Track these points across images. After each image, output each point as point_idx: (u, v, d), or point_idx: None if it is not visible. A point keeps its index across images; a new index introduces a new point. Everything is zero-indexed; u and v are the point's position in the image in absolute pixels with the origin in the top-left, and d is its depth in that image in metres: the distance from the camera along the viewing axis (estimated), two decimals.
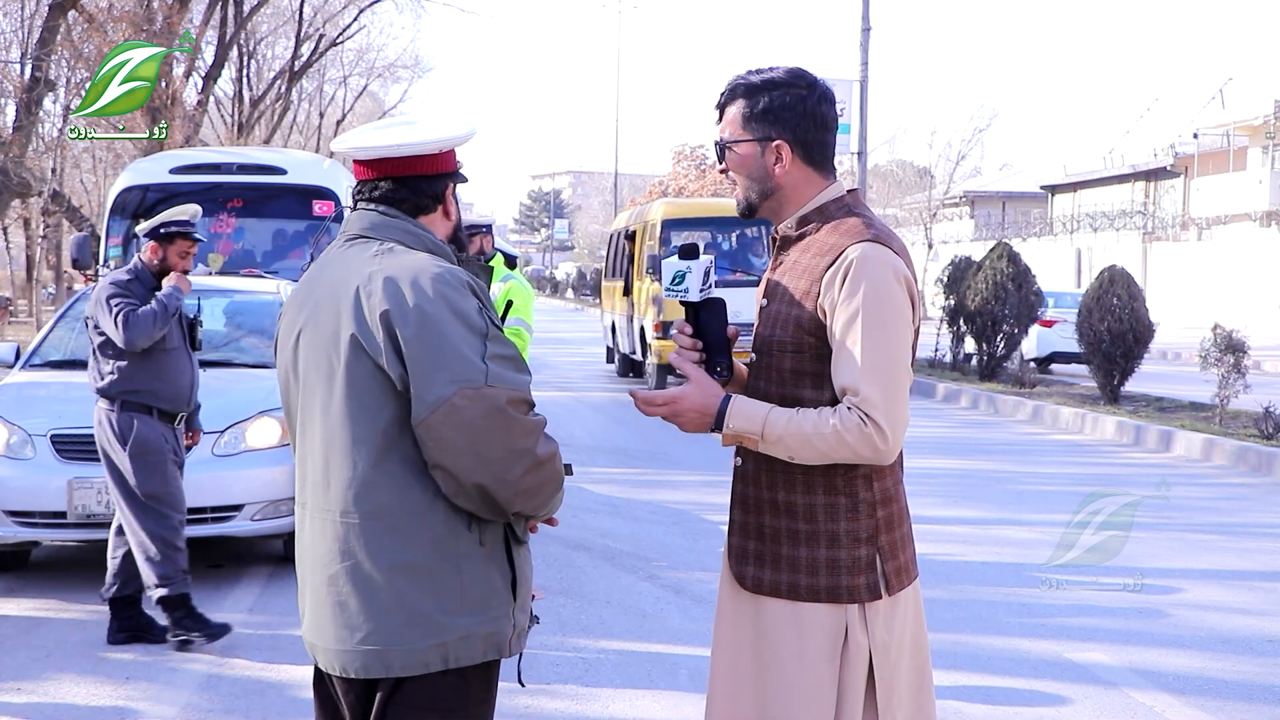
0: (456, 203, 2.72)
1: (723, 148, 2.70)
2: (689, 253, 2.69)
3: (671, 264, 2.70)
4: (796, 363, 2.61)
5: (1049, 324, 19.98)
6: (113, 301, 5.77)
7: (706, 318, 2.72)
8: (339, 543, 2.51)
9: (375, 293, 2.46)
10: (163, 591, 5.72)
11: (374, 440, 2.47)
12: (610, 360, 21.81)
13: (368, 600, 2.49)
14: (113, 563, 5.91)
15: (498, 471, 2.42)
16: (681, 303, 2.73)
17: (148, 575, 5.74)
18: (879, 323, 2.51)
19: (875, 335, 2.50)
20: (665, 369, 16.18)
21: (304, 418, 2.59)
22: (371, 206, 2.63)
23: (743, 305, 4.60)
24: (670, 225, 17.75)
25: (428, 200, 2.64)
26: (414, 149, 2.60)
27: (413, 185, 2.62)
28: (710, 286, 2.71)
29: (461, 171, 2.70)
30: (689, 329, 2.74)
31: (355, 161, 2.67)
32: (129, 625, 5.93)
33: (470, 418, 2.39)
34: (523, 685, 2.80)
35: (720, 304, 2.73)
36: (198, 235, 6.02)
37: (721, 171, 2.74)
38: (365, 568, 2.49)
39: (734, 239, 18.21)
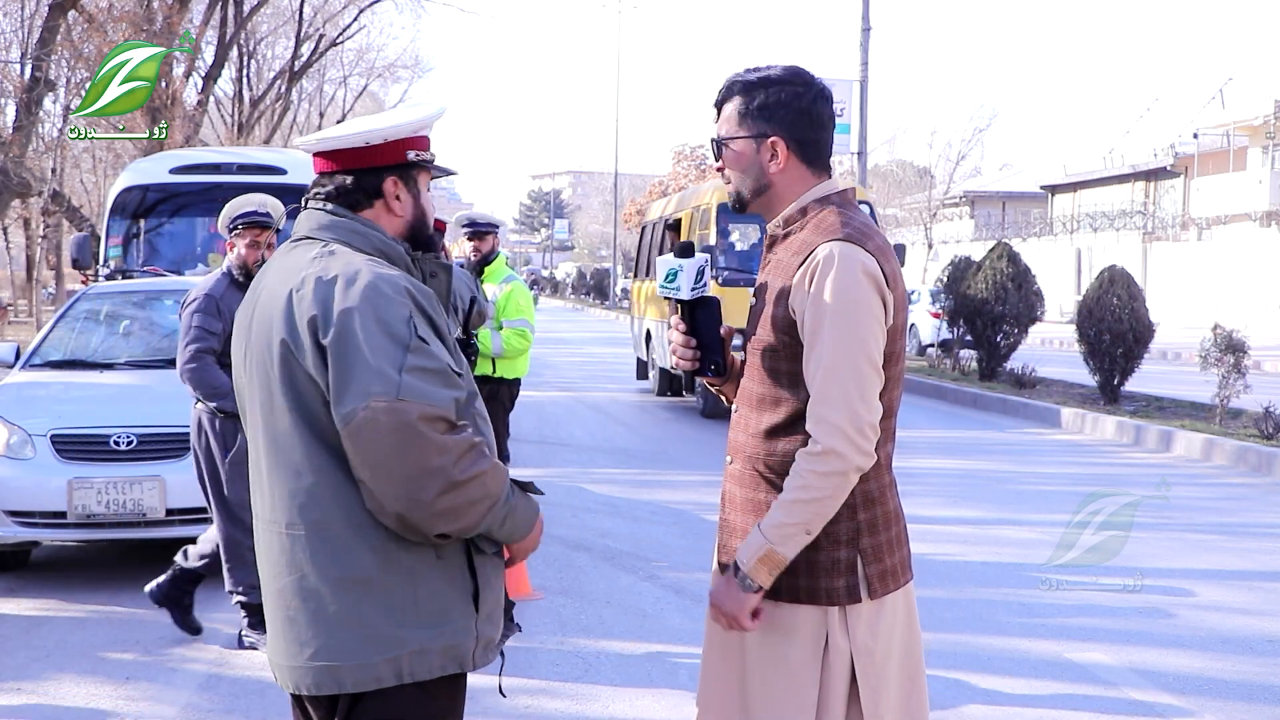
0: (415, 196, 2.58)
1: (719, 144, 2.70)
2: (685, 251, 2.75)
3: (666, 261, 2.75)
4: (773, 361, 2.61)
5: (939, 315, 20.37)
6: (194, 319, 5.71)
7: (701, 316, 2.76)
8: (286, 555, 2.43)
9: (305, 298, 2.36)
10: (242, 598, 5.75)
11: (313, 450, 2.37)
12: (642, 375, 17.93)
13: (316, 615, 2.40)
14: (206, 545, 5.88)
15: (410, 491, 2.28)
16: (676, 300, 2.77)
17: (228, 580, 5.76)
18: (845, 323, 2.49)
19: (841, 336, 2.48)
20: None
21: (251, 425, 2.51)
22: (319, 205, 2.55)
23: None
24: (726, 210, 14.30)
25: (360, 196, 2.52)
26: (335, 143, 2.51)
27: (351, 179, 2.52)
28: (704, 286, 2.76)
29: (416, 160, 2.55)
30: (683, 326, 2.78)
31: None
32: (175, 597, 5.89)
33: (380, 432, 2.26)
34: (503, 695, 2.78)
35: (714, 302, 2.77)
36: (266, 221, 5.81)
37: (719, 170, 2.74)
38: (312, 581, 2.40)
39: None
